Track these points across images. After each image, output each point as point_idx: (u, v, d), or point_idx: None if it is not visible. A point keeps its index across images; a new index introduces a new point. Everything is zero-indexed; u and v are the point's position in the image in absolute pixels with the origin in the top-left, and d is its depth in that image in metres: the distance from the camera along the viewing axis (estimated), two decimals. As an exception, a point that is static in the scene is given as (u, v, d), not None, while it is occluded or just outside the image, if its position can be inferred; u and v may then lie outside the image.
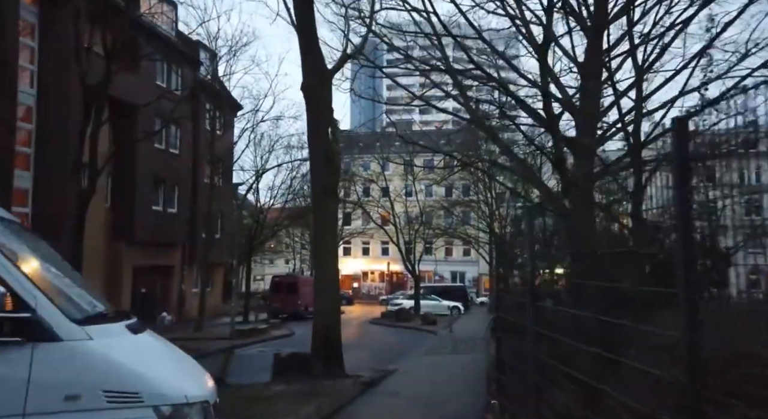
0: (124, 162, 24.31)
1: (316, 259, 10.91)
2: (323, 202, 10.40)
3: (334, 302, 10.68)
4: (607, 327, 3.85)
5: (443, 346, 17.08)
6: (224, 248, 31.06)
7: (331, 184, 10.42)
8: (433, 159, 29.00)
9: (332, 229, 10.81)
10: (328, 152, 10.34)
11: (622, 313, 3.69)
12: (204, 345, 18.12)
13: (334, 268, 10.83)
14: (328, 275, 10.55)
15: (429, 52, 14.32)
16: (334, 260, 10.98)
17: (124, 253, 24.36)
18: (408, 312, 30.60)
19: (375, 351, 17.72)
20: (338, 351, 10.16)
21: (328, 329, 10.14)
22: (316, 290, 10.82)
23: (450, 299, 36.08)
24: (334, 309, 10.68)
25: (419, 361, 13.96)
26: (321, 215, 10.63)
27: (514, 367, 5.71)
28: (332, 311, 10.43)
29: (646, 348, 3.15)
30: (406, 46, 13.99)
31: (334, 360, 9.95)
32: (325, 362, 9.84)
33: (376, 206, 37.67)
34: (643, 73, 12.97)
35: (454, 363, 13.48)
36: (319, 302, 10.70)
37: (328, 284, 10.34)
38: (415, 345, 18.20)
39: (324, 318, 10.38)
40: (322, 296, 10.56)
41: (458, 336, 20.05)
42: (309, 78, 10.32)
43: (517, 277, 6.28)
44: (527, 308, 4.82)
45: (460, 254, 60.78)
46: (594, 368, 4.25)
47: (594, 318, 3.87)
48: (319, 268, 10.91)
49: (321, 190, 10.26)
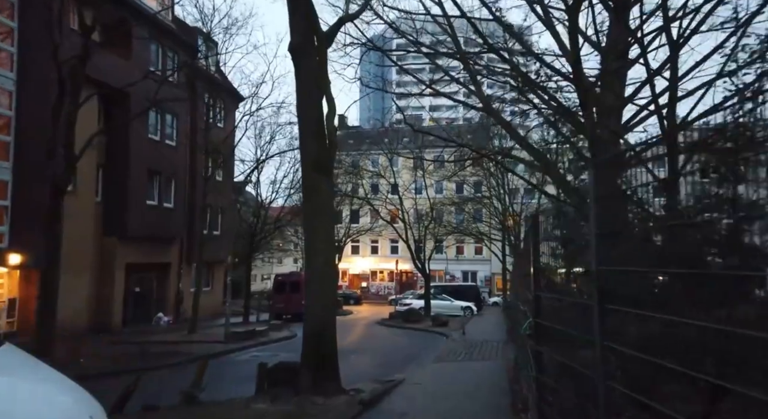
0: (117, 153, 22.93)
1: (306, 246, 9.23)
2: (314, 181, 8.77)
3: (328, 300, 8.93)
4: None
5: (456, 351, 15.43)
6: (224, 246, 29.63)
7: (324, 159, 8.79)
8: (443, 153, 27.43)
9: (325, 212, 9.02)
10: (320, 122, 8.73)
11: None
12: (194, 348, 16.64)
13: (328, 260, 9.14)
14: (322, 267, 8.77)
15: (438, 38, 13.37)
16: (329, 250, 9.27)
17: (117, 249, 22.95)
18: (418, 313, 28.95)
19: (380, 356, 16.12)
20: (332, 361, 8.52)
21: (321, 334, 8.49)
22: (307, 287, 9.15)
23: (462, 299, 34.41)
24: (328, 310, 8.91)
25: (430, 369, 12.32)
26: (312, 196, 8.91)
27: (564, 393, 4.09)
28: (326, 312, 8.75)
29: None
30: (414, 30, 12.90)
31: (327, 372, 8.33)
32: (317, 374, 8.23)
33: (385, 202, 36.10)
34: (679, 48, 11.59)
35: (470, 372, 11.83)
36: (311, 302, 8.82)
37: (320, 279, 8.70)
38: (426, 349, 16.56)
39: (316, 320, 8.61)
40: (314, 294, 8.76)
41: (472, 339, 18.38)
42: (298, 37, 8.72)
43: (561, 270, 4.64)
44: (591, 315, 3.18)
45: (472, 253, 59.05)
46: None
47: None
48: (310, 259, 8.95)
49: (312, 166, 8.63)
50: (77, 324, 20.57)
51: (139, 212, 23.55)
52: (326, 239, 8.95)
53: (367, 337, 22.70)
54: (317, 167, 8.67)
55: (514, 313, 15.62)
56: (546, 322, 4.29)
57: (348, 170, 38.92)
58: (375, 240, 59.58)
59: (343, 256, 48.08)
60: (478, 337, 19.12)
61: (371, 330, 26.12)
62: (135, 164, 23.26)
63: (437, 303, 31.97)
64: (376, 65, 21.32)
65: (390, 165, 33.43)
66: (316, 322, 8.61)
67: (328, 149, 9.05)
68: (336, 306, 9.45)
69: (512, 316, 20.60)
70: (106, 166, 22.83)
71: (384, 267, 60.00)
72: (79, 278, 20.85)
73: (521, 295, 9.20)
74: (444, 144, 20.04)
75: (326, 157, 8.95)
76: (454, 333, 21.15)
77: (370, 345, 18.84)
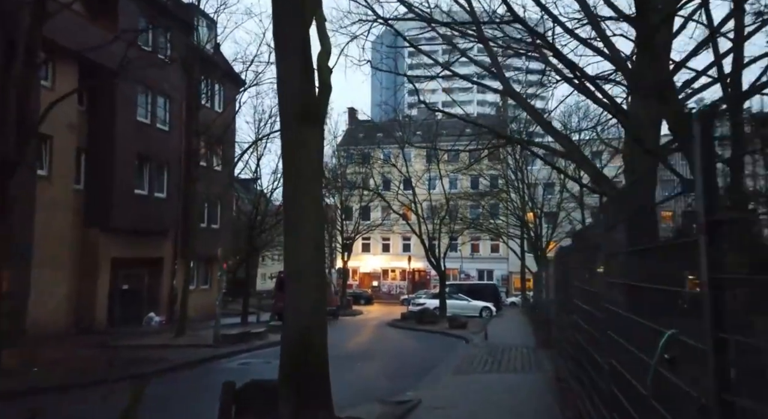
0: (101, 137, 20.84)
1: (286, 225, 6.72)
2: (300, 134, 6.34)
3: (316, 298, 6.41)
4: None
5: (480, 359, 13.04)
6: (223, 239, 27.44)
7: (313, 104, 6.40)
8: (457, 144, 25.26)
9: (314, 178, 6.59)
10: (306, 51, 6.35)
11: None
12: (176, 354, 14.40)
13: (318, 243, 6.65)
14: (309, 254, 6.36)
15: (454, 17, 12.58)
16: (318, 230, 6.78)
17: (100, 242, 20.85)
18: (432, 313, 26.54)
19: (390, 364, 13.79)
20: (321, 380, 6.12)
21: (306, 344, 6.12)
22: (288, 280, 6.72)
23: (479, 298, 31.98)
24: (316, 311, 6.41)
25: (452, 384, 9.94)
26: (295, 155, 6.42)
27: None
28: (313, 315, 6.29)
29: None
30: (428, 7, 11.68)
31: (314, 394, 5.99)
32: (300, 397, 5.92)
33: (396, 194, 33.80)
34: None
35: (503, 389, 9.46)
36: (292, 300, 6.42)
37: (306, 270, 6.29)
38: (443, 356, 14.19)
39: (298, 326, 6.24)
40: (297, 290, 6.37)
41: (497, 344, 15.96)
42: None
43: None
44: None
45: (488, 251, 56.57)
46: None
47: None
48: (292, 243, 6.54)
49: (296, 112, 6.24)
50: (55, 325, 18.51)
51: (126, 202, 21.43)
52: (315, 214, 6.53)
53: (376, 340, 20.37)
54: (305, 116, 6.30)
55: (551, 315, 13.21)
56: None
57: (357, 161, 36.68)
58: (386, 238, 57.34)
59: (353, 254, 45.92)
60: (502, 341, 16.71)
61: (381, 332, 23.78)
62: (121, 148, 21.13)
63: (453, 303, 29.55)
64: (387, 46, 19.44)
65: (402, 155, 31.04)
66: (298, 328, 6.23)
67: (320, 93, 6.67)
68: (325, 306, 6.97)
69: (540, 319, 18.23)
70: (89, 151, 20.73)
71: (396, 266, 57.66)
72: (57, 273, 18.78)
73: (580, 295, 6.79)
74: (459, 132, 18.08)
75: (317, 102, 6.56)
76: (475, 336, 18.75)
77: (378, 350, 16.52)
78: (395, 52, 18.06)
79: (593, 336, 5.23)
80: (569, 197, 33.70)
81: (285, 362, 6.18)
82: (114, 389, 10.09)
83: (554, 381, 9.93)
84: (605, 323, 4.43)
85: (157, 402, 7.76)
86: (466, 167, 29.67)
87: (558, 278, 10.38)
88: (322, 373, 6.25)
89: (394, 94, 26.37)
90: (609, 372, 4.27)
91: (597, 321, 4.91)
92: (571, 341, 8.20)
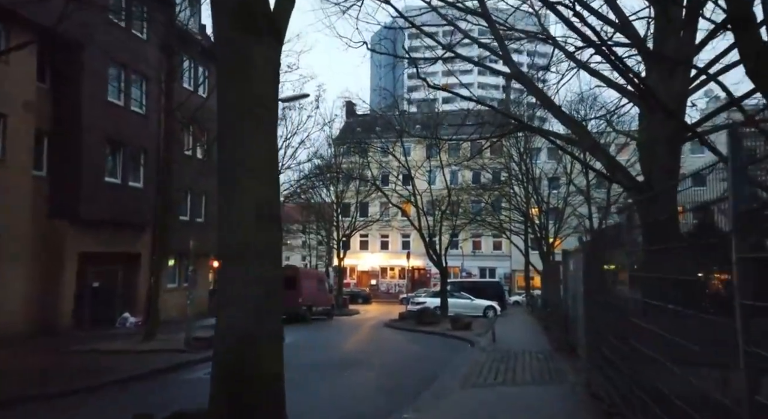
0: (65, 118, 18.85)
1: (220, 183, 4.53)
2: (241, 44, 4.30)
3: (262, 288, 4.30)
4: None
5: (490, 366, 11.05)
6: (209, 235, 25.41)
7: (256, 1, 4.29)
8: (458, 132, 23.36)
9: (263, 114, 4.43)
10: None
11: None
12: (136, 361, 12.41)
13: (271, 211, 4.48)
14: (251, 227, 4.29)
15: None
16: (269, 192, 4.52)
17: (67, 235, 18.86)
18: (433, 313, 24.54)
19: (384, 373, 11.81)
20: (272, 408, 4.06)
21: (246, 359, 4.12)
22: (220, 268, 4.64)
23: (483, 297, 30.01)
24: (262, 308, 4.29)
25: (458, 401, 7.95)
26: (234, 75, 4.41)
27: None
28: (258, 313, 4.24)
29: None
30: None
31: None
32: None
33: (395, 186, 31.80)
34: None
35: (523, 409, 7.47)
36: (226, 291, 4.49)
37: (246, 244, 4.29)
38: (446, 362, 12.18)
39: (235, 331, 4.27)
40: (234, 275, 4.37)
41: (506, 348, 13.97)
42: None
43: None
44: None
45: (490, 248, 54.67)
46: None
47: None
48: (228, 211, 4.45)
49: (235, 14, 4.10)
50: (12, 326, 16.53)
51: (96, 192, 19.44)
52: (264, 167, 4.40)
53: (371, 343, 18.39)
54: (248, 16, 4.18)
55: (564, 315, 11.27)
56: None
57: (355, 151, 34.71)
58: (385, 235, 55.43)
59: (350, 251, 43.91)
60: (513, 345, 14.72)
61: (378, 333, 21.79)
62: (89, 132, 19.12)
63: (455, 302, 27.57)
64: (384, 27, 17.73)
65: (401, 143, 29.06)
66: (236, 338, 4.16)
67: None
68: (280, 304, 4.60)
69: (554, 318, 16.32)
70: (52, 133, 18.72)
71: (395, 264, 55.69)
72: (15, 269, 16.80)
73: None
74: (461, 121, 16.45)
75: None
76: (481, 339, 16.75)
77: (373, 356, 14.55)
78: (394, 33, 16.45)
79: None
80: (575, 192, 31.82)
81: (217, 390, 4.16)
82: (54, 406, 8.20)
83: (586, 396, 7.97)
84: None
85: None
86: (469, 158, 27.72)
87: (591, 273, 8.41)
88: (275, 402, 4.23)
89: (392, 72, 24.46)
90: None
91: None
92: (617, 349, 6.22)
